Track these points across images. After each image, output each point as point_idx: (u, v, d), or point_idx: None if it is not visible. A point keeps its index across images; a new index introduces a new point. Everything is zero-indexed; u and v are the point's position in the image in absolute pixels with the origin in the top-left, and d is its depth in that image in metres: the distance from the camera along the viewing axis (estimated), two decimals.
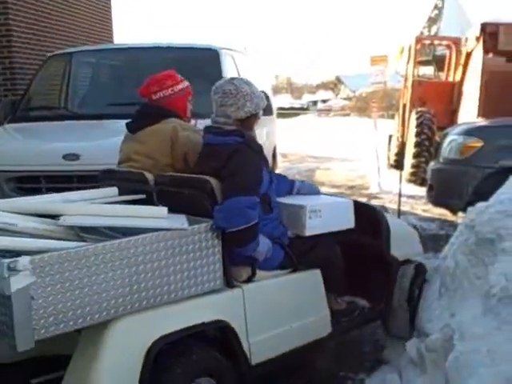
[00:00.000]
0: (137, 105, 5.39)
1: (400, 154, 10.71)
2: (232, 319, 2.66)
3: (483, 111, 8.65)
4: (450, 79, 11.02)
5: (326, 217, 3.11)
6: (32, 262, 2.11)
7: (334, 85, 51.54)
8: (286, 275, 3.01)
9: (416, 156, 9.65)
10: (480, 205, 3.37)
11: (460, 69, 10.36)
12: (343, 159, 13.70)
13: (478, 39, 9.46)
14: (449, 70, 11.22)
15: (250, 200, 2.75)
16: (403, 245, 3.60)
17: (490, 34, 9.27)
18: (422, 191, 7.86)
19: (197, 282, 2.58)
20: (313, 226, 3.07)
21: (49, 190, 4.49)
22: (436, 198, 6.29)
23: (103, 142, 4.94)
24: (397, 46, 12.87)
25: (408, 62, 11.41)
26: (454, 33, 13.92)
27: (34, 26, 8.88)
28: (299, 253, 3.05)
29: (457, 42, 10.86)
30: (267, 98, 5.59)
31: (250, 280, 2.84)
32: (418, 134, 9.71)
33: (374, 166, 10.18)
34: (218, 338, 2.70)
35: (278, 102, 26.80)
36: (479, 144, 5.80)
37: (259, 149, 3.06)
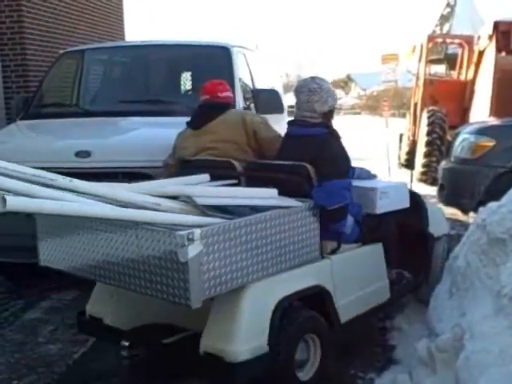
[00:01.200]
0: (148, 102, 5.49)
1: (411, 153, 10.69)
2: (327, 284, 3.13)
3: (495, 110, 8.60)
4: (462, 78, 10.95)
5: (391, 197, 3.63)
6: (201, 233, 2.48)
7: (345, 83, 51.39)
8: (358, 248, 3.49)
9: (427, 155, 9.60)
10: (491, 204, 3.35)
11: (472, 67, 10.29)
12: (354, 158, 13.60)
13: (490, 38, 9.41)
14: (461, 68, 11.15)
15: (345, 182, 3.29)
16: (436, 223, 4.14)
17: (502, 32, 9.22)
18: (432, 191, 7.82)
19: (302, 253, 3.04)
20: (382, 206, 3.57)
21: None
22: (447, 198, 6.26)
23: (115, 139, 4.96)
24: (408, 45, 12.82)
25: (420, 61, 11.36)
26: (466, 31, 13.85)
27: (47, 24, 8.93)
28: (368, 229, 3.50)
29: (469, 40, 10.80)
30: (278, 96, 5.61)
31: (333, 252, 3.26)
32: (429, 133, 9.67)
33: (384, 165, 10.15)
34: (315, 302, 3.10)
35: (289, 100, 26.70)
36: (491, 143, 5.77)
37: (340, 137, 3.51)
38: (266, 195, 3.04)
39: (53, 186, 2.54)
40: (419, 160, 9.67)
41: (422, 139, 9.78)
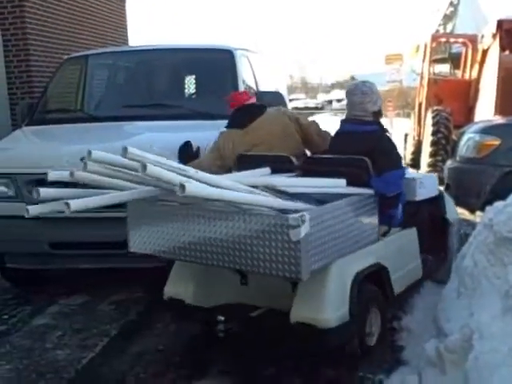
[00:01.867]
0: (153, 106, 5.49)
1: (416, 153, 10.66)
2: (384, 262, 3.54)
3: (500, 109, 8.57)
4: (467, 77, 10.93)
5: (426, 186, 4.10)
6: (310, 216, 2.83)
7: None
8: (401, 231, 3.91)
9: (432, 155, 9.57)
10: (498, 204, 3.34)
11: (476, 66, 10.26)
12: None
13: (494, 36, 9.37)
14: (465, 67, 11.13)
15: (401, 172, 3.73)
16: (450, 210, 4.55)
17: (506, 30, 9.19)
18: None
19: (367, 234, 3.47)
20: (420, 194, 4.03)
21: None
22: (453, 198, 6.23)
23: (119, 143, 4.95)
24: (412, 44, 12.81)
25: (424, 61, 11.34)
26: (469, 30, 13.80)
27: (51, 30, 8.96)
28: (408, 214, 3.93)
29: (473, 39, 10.77)
30: (282, 98, 5.62)
31: (385, 235, 3.68)
32: (434, 133, 9.64)
33: None
34: (375, 278, 3.47)
35: (293, 101, 26.77)
36: (496, 142, 5.75)
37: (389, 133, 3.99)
38: (336, 185, 3.41)
39: (186, 176, 2.84)
40: (425, 160, 9.64)
41: (428, 139, 9.75)
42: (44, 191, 3.18)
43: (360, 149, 3.56)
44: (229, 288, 3.56)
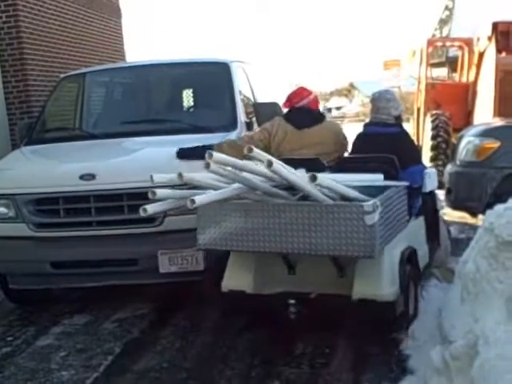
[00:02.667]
0: (151, 122, 5.50)
1: None
2: (413, 244, 4.00)
3: (499, 111, 8.57)
4: (464, 80, 10.93)
5: (431, 180, 4.43)
6: (380, 203, 3.29)
7: (348, 91, 51.33)
8: (415, 219, 4.31)
9: (433, 159, 9.56)
10: (498, 207, 3.31)
11: (473, 69, 10.27)
12: None
13: (490, 39, 9.39)
14: (462, 70, 11.13)
15: (422, 167, 4.42)
16: (438, 201, 5.02)
17: (501, 32, 9.21)
18: (440, 195, 7.77)
19: (402, 221, 3.88)
20: (428, 186, 4.38)
21: (66, 211, 4.54)
22: (455, 202, 6.23)
23: (119, 160, 4.97)
24: (409, 50, 12.82)
25: (421, 65, 11.35)
26: (465, 33, 13.82)
27: (48, 49, 9.01)
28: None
29: (469, 42, 10.77)
30: (279, 108, 5.61)
31: (407, 221, 4.02)
32: (434, 137, 9.63)
33: None
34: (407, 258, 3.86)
35: None
36: (496, 145, 5.74)
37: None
38: (375, 179, 3.83)
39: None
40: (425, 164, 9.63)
41: (427, 143, 9.75)
42: (160, 192, 3.50)
43: (386, 148, 4.03)
44: (279, 278, 3.92)
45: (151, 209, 3.51)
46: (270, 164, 3.12)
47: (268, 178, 3.47)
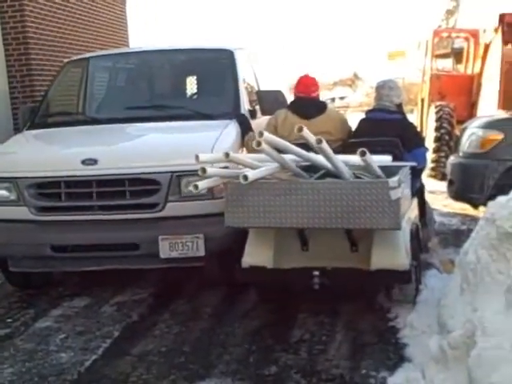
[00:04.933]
0: (154, 108, 5.49)
1: None
2: (415, 221, 4.38)
3: (503, 103, 8.54)
4: (469, 72, 10.88)
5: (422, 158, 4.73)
6: (401, 180, 3.59)
7: (352, 81, 51.16)
8: (415, 197, 4.61)
9: (436, 151, 9.54)
10: (500, 199, 3.31)
11: (479, 61, 10.22)
12: None
13: (496, 30, 9.34)
14: (467, 62, 11.08)
15: (425, 149, 4.83)
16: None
17: (508, 24, 9.14)
18: (442, 186, 7.76)
19: (409, 198, 4.14)
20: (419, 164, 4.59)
21: (68, 195, 4.54)
22: (457, 193, 6.21)
23: (121, 145, 4.97)
24: (414, 40, 12.74)
25: (426, 56, 11.29)
26: (472, 24, 13.73)
27: (52, 33, 8.98)
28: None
29: (475, 33, 10.71)
30: (283, 96, 5.60)
31: None
32: (437, 129, 9.60)
33: None
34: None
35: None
36: (499, 137, 5.71)
37: None
38: (384, 160, 4.04)
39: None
40: (428, 156, 9.60)
41: (431, 135, 9.72)
42: (210, 170, 3.66)
43: (390, 133, 4.36)
44: (294, 254, 4.10)
45: (202, 185, 3.71)
46: (319, 141, 3.36)
47: (305, 159, 3.79)
